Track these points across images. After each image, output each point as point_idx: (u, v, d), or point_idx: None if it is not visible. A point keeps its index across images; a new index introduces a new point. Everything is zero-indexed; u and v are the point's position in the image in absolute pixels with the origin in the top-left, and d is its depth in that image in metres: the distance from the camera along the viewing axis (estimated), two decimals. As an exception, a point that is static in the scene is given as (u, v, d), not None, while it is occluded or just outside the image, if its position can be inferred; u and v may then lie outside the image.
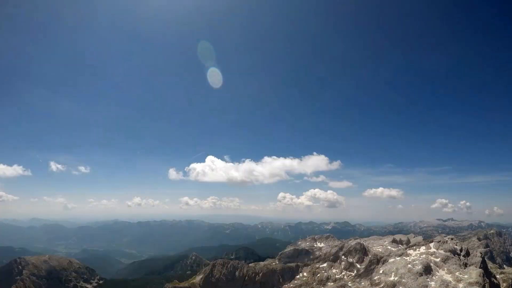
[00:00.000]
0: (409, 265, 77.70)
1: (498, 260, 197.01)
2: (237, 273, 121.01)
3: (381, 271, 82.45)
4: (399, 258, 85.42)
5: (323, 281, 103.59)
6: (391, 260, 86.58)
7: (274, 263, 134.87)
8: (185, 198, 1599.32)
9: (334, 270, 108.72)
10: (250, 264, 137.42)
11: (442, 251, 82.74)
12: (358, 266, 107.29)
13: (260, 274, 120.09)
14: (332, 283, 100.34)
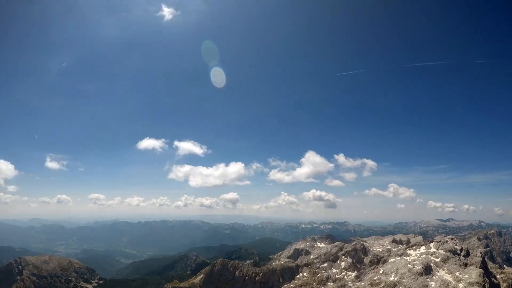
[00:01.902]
0: (409, 265, 77.79)
1: (498, 260, 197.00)
2: (237, 273, 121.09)
3: (381, 271, 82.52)
4: (399, 258, 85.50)
5: (323, 281, 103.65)
6: (391, 260, 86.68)
7: (274, 263, 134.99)
8: (185, 198, 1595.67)
9: (334, 270, 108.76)
10: (250, 264, 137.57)
11: (442, 251, 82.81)
12: (358, 266, 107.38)
13: (260, 274, 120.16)
14: (332, 283, 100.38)
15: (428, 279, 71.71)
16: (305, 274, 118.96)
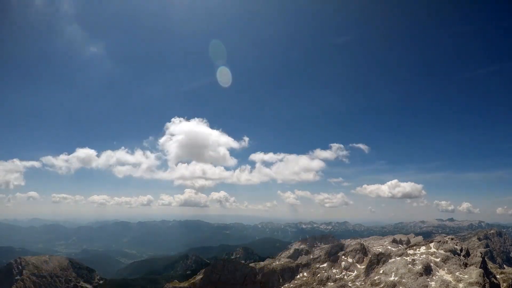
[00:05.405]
0: (409, 265, 77.70)
1: (498, 260, 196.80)
2: (237, 273, 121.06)
3: (381, 271, 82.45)
4: (399, 258, 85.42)
5: (323, 281, 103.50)
6: (391, 260, 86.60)
7: (274, 263, 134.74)
8: (185, 197, 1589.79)
9: (334, 270, 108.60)
10: (250, 264, 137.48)
11: (442, 251, 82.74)
12: (358, 266, 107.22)
13: (260, 274, 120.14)
14: (332, 283, 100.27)
15: (428, 279, 71.66)
16: (305, 274, 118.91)
